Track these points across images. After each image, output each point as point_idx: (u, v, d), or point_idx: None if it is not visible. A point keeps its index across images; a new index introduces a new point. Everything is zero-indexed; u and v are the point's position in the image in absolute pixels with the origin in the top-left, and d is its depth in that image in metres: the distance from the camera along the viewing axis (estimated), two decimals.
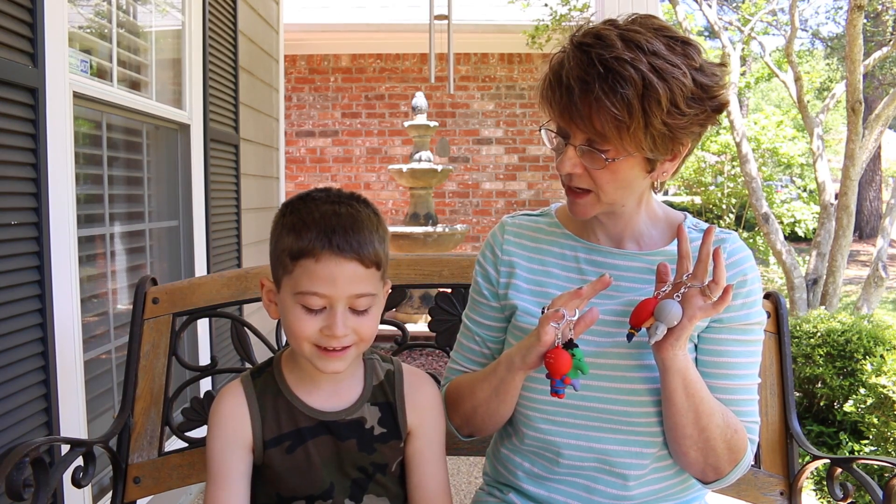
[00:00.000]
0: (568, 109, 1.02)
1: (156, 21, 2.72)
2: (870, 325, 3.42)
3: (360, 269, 1.00)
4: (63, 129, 1.84)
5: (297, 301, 1.01)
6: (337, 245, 0.98)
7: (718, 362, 1.11)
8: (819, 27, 16.89)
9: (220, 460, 1.07)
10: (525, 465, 1.18)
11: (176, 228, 2.86)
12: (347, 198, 1.05)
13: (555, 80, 1.04)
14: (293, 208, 1.04)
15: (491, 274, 1.22)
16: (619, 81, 0.97)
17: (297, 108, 7.77)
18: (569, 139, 1.06)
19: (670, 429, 1.07)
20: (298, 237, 1.00)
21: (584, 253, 1.18)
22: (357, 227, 1.01)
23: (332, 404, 1.10)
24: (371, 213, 1.05)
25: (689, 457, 1.08)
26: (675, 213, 1.21)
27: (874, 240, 7.85)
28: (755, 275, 1.13)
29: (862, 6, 4.60)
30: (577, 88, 1.00)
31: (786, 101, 17.49)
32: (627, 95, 0.97)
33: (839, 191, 5.06)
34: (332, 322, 1.00)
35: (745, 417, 1.11)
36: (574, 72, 1.00)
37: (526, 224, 1.24)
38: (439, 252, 5.66)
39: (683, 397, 1.03)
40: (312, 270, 0.99)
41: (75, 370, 1.90)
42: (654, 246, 1.16)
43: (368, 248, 1.00)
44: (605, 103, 0.98)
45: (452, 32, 5.67)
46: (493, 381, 1.13)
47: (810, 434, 3.34)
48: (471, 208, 7.78)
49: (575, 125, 1.03)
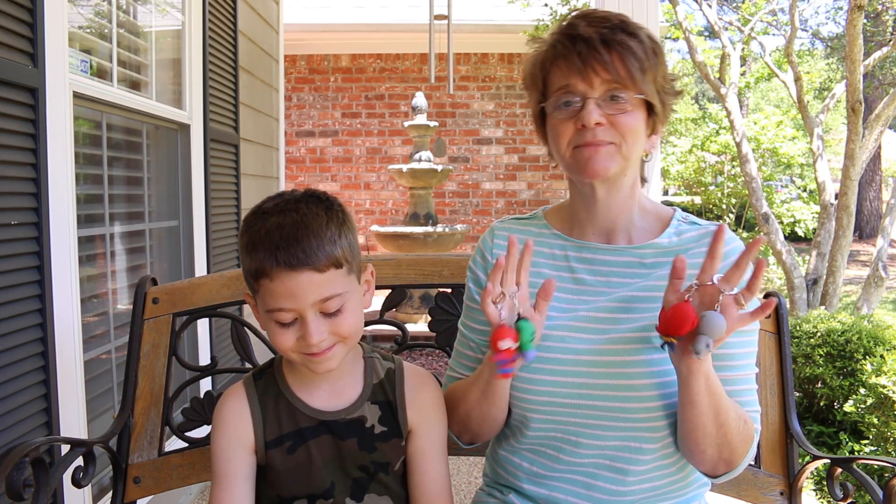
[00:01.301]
0: (591, 57, 1.06)
1: (156, 21, 2.72)
2: (870, 325, 3.41)
3: (315, 276, 0.99)
4: (63, 128, 1.84)
5: (269, 318, 1.02)
6: (284, 262, 0.97)
7: (719, 354, 1.10)
8: (819, 27, 16.90)
9: (224, 462, 1.07)
10: (524, 466, 1.18)
11: (176, 228, 2.86)
12: (295, 202, 1.02)
13: (567, 38, 1.09)
14: (248, 225, 1.03)
15: (482, 279, 1.23)
16: (634, 31, 1.09)
17: (297, 108, 7.77)
18: (585, 97, 1.08)
19: (691, 430, 1.06)
20: (252, 258, 1.00)
21: (574, 251, 1.18)
22: (301, 236, 0.98)
23: (333, 404, 1.10)
24: (321, 210, 1.02)
25: (706, 454, 1.08)
26: (665, 207, 1.22)
27: (874, 240, 7.86)
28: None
29: (862, 6, 4.60)
30: (596, 38, 1.06)
31: (786, 101, 17.50)
32: (644, 42, 1.08)
33: (839, 191, 5.05)
34: (305, 332, 1.00)
35: (749, 407, 1.12)
36: (592, 27, 1.07)
37: (515, 228, 1.25)
38: (439, 252, 5.66)
39: (706, 397, 1.02)
40: (271, 289, 0.99)
41: (75, 370, 1.90)
42: (643, 239, 1.16)
43: (318, 253, 0.98)
44: (630, 44, 1.07)
45: (452, 32, 5.67)
46: (480, 382, 1.13)
47: (810, 434, 3.34)
48: (471, 208, 7.78)
49: (596, 74, 1.07)
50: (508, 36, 7.16)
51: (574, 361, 1.10)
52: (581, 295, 1.13)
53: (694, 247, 1.13)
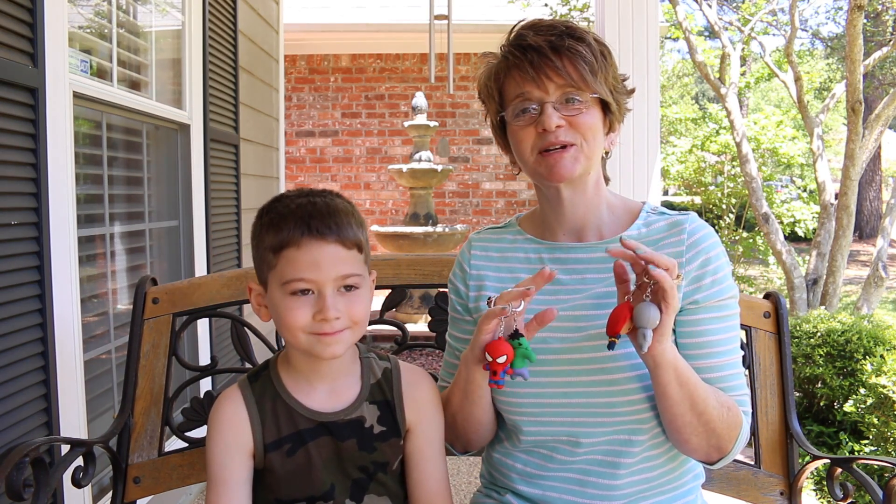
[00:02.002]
0: (543, 65, 1.10)
1: (156, 21, 2.72)
2: (870, 325, 3.42)
3: (341, 250, 1.02)
4: (63, 128, 1.84)
5: (285, 291, 1.02)
6: (316, 229, 1.01)
7: (700, 342, 1.12)
8: (819, 27, 16.89)
9: (221, 466, 1.07)
10: (518, 467, 1.19)
11: (176, 228, 2.86)
12: (321, 192, 1.08)
13: (517, 49, 1.12)
14: (269, 208, 1.07)
15: (461, 289, 1.25)
16: (582, 36, 1.12)
17: (297, 108, 7.77)
18: (542, 102, 1.11)
19: (669, 420, 1.08)
20: (278, 231, 1.02)
21: (548, 252, 1.20)
22: (333, 212, 1.03)
23: (331, 405, 1.10)
24: (346, 203, 1.08)
25: (691, 443, 1.09)
26: (633, 202, 1.23)
27: (874, 240, 7.86)
28: (719, 250, 1.13)
29: (862, 6, 4.60)
30: (545, 46, 1.10)
31: (786, 101, 17.50)
32: (591, 45, 1.12)
33: (839, 191, 5.05)
34: (323, 306, 1.01)
35: (734, 392, 1.13)
36: (540, 35, 1.11)
37: (491, 237, 1.27)
38: (439, 252, 5.66)
39: (677, 388, 1.04)
40: (296, 258, 1.01)
41: (75, 370, 1.90)
42: (614, 233, 1.17)
43: (348, 230, 1.03)
44: (579, 49, 1.10)
45: (452, 32, 5.67)
46: (461, 382, 1.14)
47: (810, 434, 3.34)
48: (471, 208, 7.78)
49: (550, 80, 1.10)
50: None
51: (555, 361, 1.12)
52: (557, 295, 1.14)
53: (664, 236, 1.15)
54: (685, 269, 1.11)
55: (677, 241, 1.13)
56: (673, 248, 1.12)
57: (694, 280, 1.11)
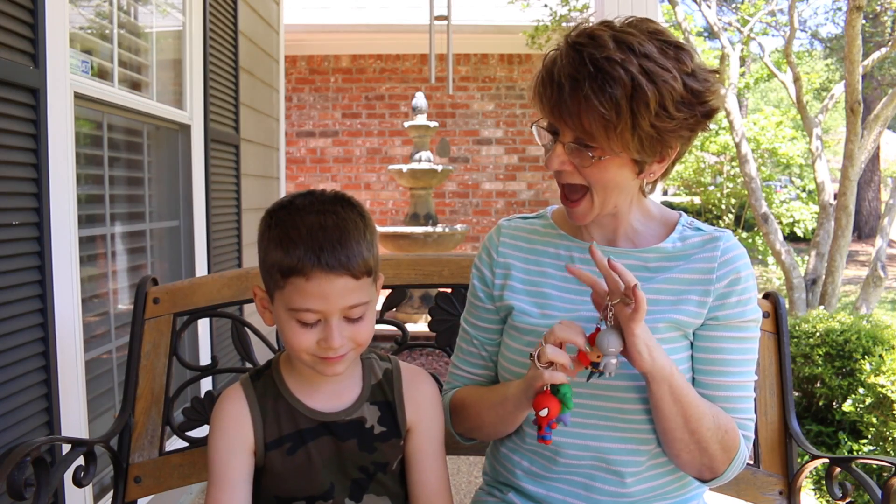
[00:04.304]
0: (558, 106, 1.03)
1: (156, 21, 2.72)
2: (869, 324, 3.42)
3: (350, 282, 0.99)
4: (64, 129, 1.84)
5: (291, 317, 1.01)
6: (326, 263, 0.97)
7: (713, 359, 1.11)
8: (818, 28, 16.92)
9: (222, 464, 1.07)
10: (524, 464, 1.19)
11: (176, 228, 2.86)
12: (332, 203, 1.03)
13: (547, 77, 1.05)
14: (278, 220, 1.02)
15: (487, 276, 1.23)
16: (608, 81, 0.98)
17: (298, 109, 7.77)
18: (558, 136, 1.07)
19: (662, 433, 1.08)
20: (286, 254, 0.98)
21: (579, 252, 1.19)
22: (345, 240, 0.99)
23: (332, 405, 1.10)
24: (357, 216, 1.03)
25: (682, 458, 1.09)
26: (671, 212, 1.22)
27: (873, 240, 7.86)
28: (749, 272, 1.13)
29: (861, 7, 4.60)
30: (567, 86, 1.01)
31: (785, 101, 17.50)
32: (616, 95, 0.98)
33: (838, 191, 5.06)
34: (329, 335, 1.00)
35: (740, 414, 1.12)
36: (565, 70, 1.02)
37: (522, 227, 1.25)
38: (439, 252, 5.66)
39: (671, 403, 1.03)
40: (303, 288, 0.98)
41: (76, 370, 1.91)
42: (647, 243, 1.17)
43: (357, 259, 0.99)
44: (594, 102, 0.99)
45: (452, 33, 5.67)
46: (501, 412, 1.14)
47: (809, 434, 3.34)
48: (471, 208, 7.78)
49: (564, 122, 1.05)
50: (508, 37, 7.16)
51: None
52: (584, 295, 1.13)
53: (697, 252, 1.14)
54: (713, 287, 1.10)
55: (710, 256, 1.12)
56: (704, 264, 1.11)
57: (719, 297, 1.10)
